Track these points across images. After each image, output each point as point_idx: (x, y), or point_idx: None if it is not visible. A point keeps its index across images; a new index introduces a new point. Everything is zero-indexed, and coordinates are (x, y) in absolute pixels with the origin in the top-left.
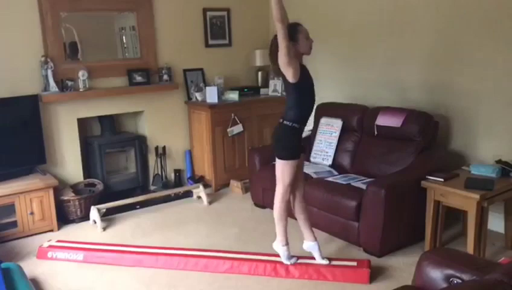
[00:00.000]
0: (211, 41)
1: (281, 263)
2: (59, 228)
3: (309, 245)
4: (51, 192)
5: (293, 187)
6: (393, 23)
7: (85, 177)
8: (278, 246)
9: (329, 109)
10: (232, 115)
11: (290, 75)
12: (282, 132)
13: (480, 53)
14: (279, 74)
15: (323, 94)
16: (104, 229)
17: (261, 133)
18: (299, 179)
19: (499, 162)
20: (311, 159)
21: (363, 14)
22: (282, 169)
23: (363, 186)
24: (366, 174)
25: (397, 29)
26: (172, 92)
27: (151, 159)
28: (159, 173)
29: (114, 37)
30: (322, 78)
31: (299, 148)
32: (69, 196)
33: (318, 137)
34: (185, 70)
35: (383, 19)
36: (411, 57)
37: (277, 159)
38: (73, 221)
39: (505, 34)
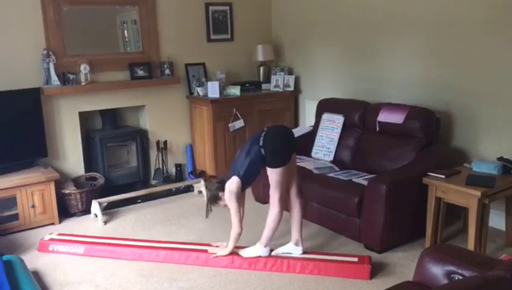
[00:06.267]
0: (213, 36)
1: (281, 258)
2: (60, 221)
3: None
4: (52, 185)
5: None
6: (395, 19)
7: (86, 170)
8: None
9: (331, 105)
10: (234, 110)
11: None
12: None
13: (483, 50)
14: None
15: (324, 90)
16: (105, 223)
17: (262, 129)
18: None
19: (500, 159)
20: (313, 154)
21: (365, 9)
22: None
23: (364, 183)
24: (368, 170)
25: (399, 25)
26: (174, 86)
27: (153, 153)
28: (160, 167)
29: (116, 30)
30: (323, 73)
31: None
32: (70, 189)
33: (320, 133)
34: (186, 65)
35: (385, 14)
36: (413, 53)
37: None
38: (74, 214)
39: (508, 30)
